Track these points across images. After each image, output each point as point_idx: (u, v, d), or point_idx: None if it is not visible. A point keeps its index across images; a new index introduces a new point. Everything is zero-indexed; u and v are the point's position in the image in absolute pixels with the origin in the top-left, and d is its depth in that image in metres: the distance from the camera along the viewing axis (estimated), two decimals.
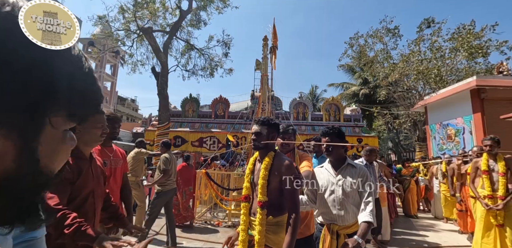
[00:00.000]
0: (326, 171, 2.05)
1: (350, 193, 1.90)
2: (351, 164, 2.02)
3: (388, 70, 13.86)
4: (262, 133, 1.77)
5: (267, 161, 1.73)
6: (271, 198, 1.70)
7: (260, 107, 7.42)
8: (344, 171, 1.99)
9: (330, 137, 2.02)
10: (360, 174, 1.94)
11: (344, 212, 1.91)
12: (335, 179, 1.97)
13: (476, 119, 9.51)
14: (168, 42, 10.19)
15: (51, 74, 0.31)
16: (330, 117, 13.36)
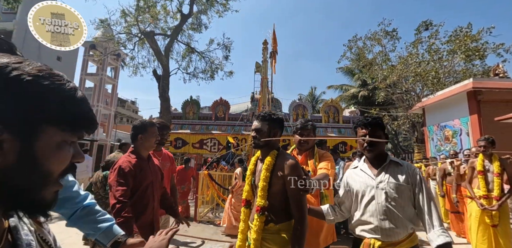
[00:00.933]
0: (363, 173, 1.60)
1: (397, 199, 1.45)
2: (395, 161, 1.57)
3: (386, 72, 14.03)
4: (262, 129, 1.58)
5: (269, 161, 1.53)
6: (273, 202, 1.49)
7: (261, 109, 7.57)
8: (386, 171, 1.54)
9: (373, 129, 1.55)
10: (410, 173, 1.50)
11: (389, 223, 1.44)
12: (374, 182, 1.53)
13: (473, 120, 9.67)
14: (170, 45, 10.36)
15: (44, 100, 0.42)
16: (329, 119, 13.52)
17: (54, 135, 0.44)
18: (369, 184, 1.55)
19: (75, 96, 0.47)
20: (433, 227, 1.38)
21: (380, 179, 1.53)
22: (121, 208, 1.69)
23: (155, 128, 2.09)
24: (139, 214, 1.87)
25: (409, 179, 1.48)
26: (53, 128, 0.44)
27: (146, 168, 1.98)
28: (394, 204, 1.46)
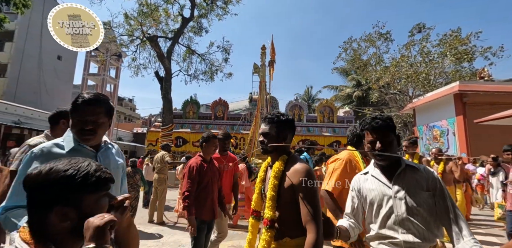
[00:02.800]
0: (376, 180, 1.40)
1: (420, 210, 1.28)
2: (411, 166, 1.37)
3: (379, 74, 14.57)
4: (270, 133, 1.43)
5: (277, 168, 1.39)
6: (285, 213, 1.34)
7: (259, 111, 8.07)
8: (403, 178, 1.34)
9: (384, 133, 1.35)
10: (429, 178, 1.31)
11: (414, 237, 1.28)
12: (391, 191, 1.32)
13: (459, 121, 10.26)
14: (171, 48, 10.78)
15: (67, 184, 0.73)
16: (324, 118, 14.04)
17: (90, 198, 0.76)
18: (386, 193, 1.34)
19: (84, 179, 0.75)
20: (462, 237, 1.20)
21: (398, 188, 1.31)
22: (186, 197, 2.53)
23: (215, 140, 2.91)
24: (203, 201, 2.67)
25: (430, 185, 1.29)
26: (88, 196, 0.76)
27: (207, 168, 2.74)
28: (417, 215, 1.27)
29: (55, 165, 0.76)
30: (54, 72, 18.94)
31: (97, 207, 0.76)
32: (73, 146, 1.23)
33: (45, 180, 0.73)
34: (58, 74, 19.17)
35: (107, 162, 1.33)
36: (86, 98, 1.22)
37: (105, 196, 0.80)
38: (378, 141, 1.33)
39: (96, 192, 0.77)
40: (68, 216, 0.73)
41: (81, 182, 0.74)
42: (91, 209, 0.75)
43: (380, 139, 1.33)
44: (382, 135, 1.34)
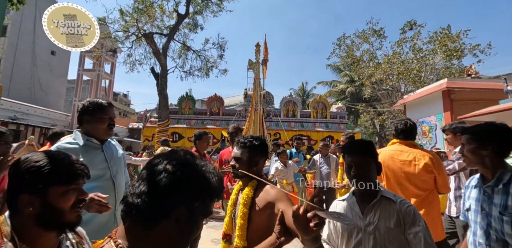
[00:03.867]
0: (350, 209, 1.33)
1: (388, 247, 1.20)
2: (386, 198, 1.27)
3: (371, 71, 14.88)
4: (242, 158, 1.39)
5: (246, 194, 1.33)
6: (256, 240, 1.21)
7: (253, 108, 8.31)
8: (376, 210, 1.26)
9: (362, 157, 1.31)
10: (402, 211, 1.21)
11: None
12: (362, 223, 1.25)
13: (446, 117, 10.65)
14: (167, 45, 10.89)
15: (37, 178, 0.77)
16: (318, 114, 14.34)
17: (56, 190, 0.77)
18: (356, 225, 1.27)
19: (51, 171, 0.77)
20: None
21: (369, 220, 1.24)
22: None
23: (207, 136, 3.29)
24: None
25: (401, 219, 1.19)
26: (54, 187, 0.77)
27: None
28: None
29: (31, 156, 0.79)
30: (48, 67, 18.83)
31: (63, 199, 0.78)
32: (84, 141, 1.51)
33: (17, 168, 0.78)
34: (52, 69, 19.06)
35: (111, 152, 1.62)
36: (107, 101, 1.57)
37: (74, 190, 0.80)
38: (354, 165, 1.28)
39: (63, 185, 0.79)
40: (32, 204, 0.75)
41: (48, 173, 0.76)
42: (56, 200, 0.77)
43: (357, 164, 1.28)
44: (360, 159, 1.29)
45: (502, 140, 1.24)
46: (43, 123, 14.46)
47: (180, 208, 0.59)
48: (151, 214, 0.58)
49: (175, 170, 0.60)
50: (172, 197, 0.59)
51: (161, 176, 0.59)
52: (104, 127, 1.54)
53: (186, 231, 0.61)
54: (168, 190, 0.58)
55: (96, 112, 1.52)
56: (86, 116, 1.56)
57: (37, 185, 0.75)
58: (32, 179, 0.75)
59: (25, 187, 0.76)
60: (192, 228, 0.63)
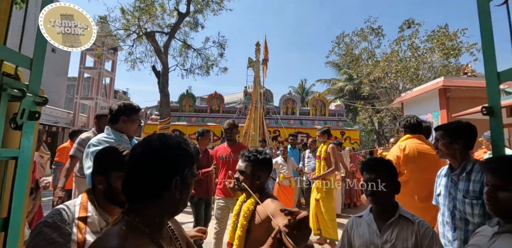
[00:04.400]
0: (367, 226, 1.35)
1: None
2: (405, 217, 1.29)
3: (370, 69, 15.05)
4: (245, 171, 1.43)
5: (247, 207, 1.38)
6: None
7: (253, 105, 8.50)
8: (394, 228, 1.27)
9: (379, 174, 1.33)
10: (420, 233, 1.23)
11: None
12: (379, 241, 1.27)
13: (442, 115, 10.85)
14: (168, 43, 11.04)
15: None
16: (317, 112, 14.52)
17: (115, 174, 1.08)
18: (374, 242, 1.29)
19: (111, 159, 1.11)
20: None
21: (386, 238, 1.26)
22: None
23: (209, 134, 3.62)
24: (200, 184, 3.32)
25: (419, 240, 1.21)
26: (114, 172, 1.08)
27: (202, 157, 3.45)
28: None
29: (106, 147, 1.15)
30: (49, 64, 18.92)
31: (118, 182, 1.01)
32: (118, 137, 1.89)
33: (95, 155, 1.12)
34: (53, 67, 19.16)
35: None
36: (138, 106, 2.03)
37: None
38: (372, 181, 1.29)
39: (118, 171, 1.03)
40: (101, 183, 1.05)
41: (109, 161, 1.07)
42: (114, 182, 1.04)
43: (375, 180, 1.29)
44: (376, 176, 1.31)
45: (469, 136, 1.46)
46: (45, 120, 14.62)
47: (175, 179, 0.71)
48: (155, 192, 0.70)
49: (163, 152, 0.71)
50: (167, 175, 0.70)
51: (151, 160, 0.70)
52: (135, 127, 1.97)
53: (183, 193, 0.75)
54: (161, 170, 0.70)
55: (132, 114, 1.93)
56: (123, 117, 1.90)
57: (105, 169, 1.06)
58: (101, 164, 1.08)
59: (97, 170, 1.08)
60: (188, 189, 0.76)
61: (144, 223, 0.69)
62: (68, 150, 3.75)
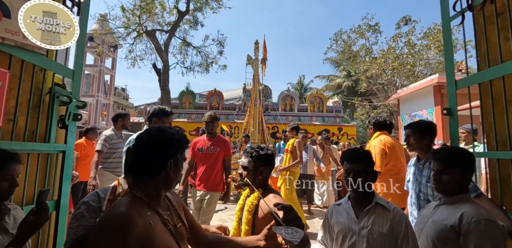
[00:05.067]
0: (345, 213, 1.42)
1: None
2: (381, 205, 1.36)
3: (367, 65, 15.29)
4: (248, 167, 1.48)
5: (251, 202, 1.41)
6: None
7: (253, 102, 8.76)
8: (370, 215, 1.34)
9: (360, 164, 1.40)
10: (395, 220, 1.30)
11: None
12: (357, 227, 1.34)
13: (437, 111, 11.14)
14: (168, 42, 11.23)
15: None
16: (315, 108, 14.78)
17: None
18: (352, 228, 1.35)
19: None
20: None
21: (363, 225, 1.33)
22: None
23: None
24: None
25: (394, 227, 1.28)
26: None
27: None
28: None
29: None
30: None
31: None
32: None
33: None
34: None
35: None
36: (170, 110, 2.29)
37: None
38: (353, 172, 1.36)
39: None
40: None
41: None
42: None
43: (355, 171, 1.36)
44: (358, 167, 1.36)
45: (434, 132, 1.77)
46: None
47: (170, 161, 0.91)
48: (154, 171, 0.91)
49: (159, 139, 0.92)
50: (164, 158, 0.91)
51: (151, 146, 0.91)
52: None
53: (176, 172, 0.95)
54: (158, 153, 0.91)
55: (163, 117, 2.20)
56: (154, 118, 2.19)
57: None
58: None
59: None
60: (179, 170, 0.97)
61: (145, 195, 0.89)
62: (82, 146, 4.05)
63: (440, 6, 1.89)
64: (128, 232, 0.75)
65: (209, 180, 3.06)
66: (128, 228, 0.76)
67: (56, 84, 1.36)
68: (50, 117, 1.32)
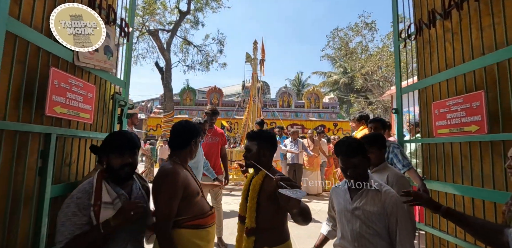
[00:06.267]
0: (343, 194, 1.55)
1: (373, 227, 1.40)
2: (374, 188, 1.44)
3: (362, 62, 15.81)
4: (252, 149, 1.55)
5: (256, 181, 1.50)
6: (264, 222, 1.43)
7: (252, 99, 9.32)
8: (363, 197, 1.45)
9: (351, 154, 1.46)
10: (387, 201, 1.39)
11: None
12: (351, 207, 1.47)
13: None
14: (170, 41, 11.72)
15: None
16: (311, 104, 15.33)
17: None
18: (347, 208, 1.48)
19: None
20: None
21: (356, 205, 1.44)
22: None
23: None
24: None
25: (385, 207, 1.38)
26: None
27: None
28: (369, 232, 1.39)
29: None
30: None
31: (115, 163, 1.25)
32: None
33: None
34: None
35: None
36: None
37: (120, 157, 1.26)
38: (346, 161, 1.45)
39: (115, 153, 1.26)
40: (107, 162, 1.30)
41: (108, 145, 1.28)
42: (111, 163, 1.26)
43: (348, 160, 1.44)
44: (354, 159, 1.43)
45: (385, 124, 2.37)
46: None
47: (193, 140, 1.52)
48: (184, 146, 1.50)
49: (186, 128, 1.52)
50: (189, 138, 1.50)
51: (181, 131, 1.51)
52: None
53: (195, 147, 1.56)
54: (186, 136, 1.50)
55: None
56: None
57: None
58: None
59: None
60: (197, 146, 1.57)
61: (179, 160, 1.47)
62: None
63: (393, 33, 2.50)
64: (177, 177, 1.35)
65: (213, 166, 3.36)
66: (176, 174, 1.35)
67: (116, 92, 1.93)
68: (113, 115, 1.89)
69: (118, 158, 1.22)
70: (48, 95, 1.29)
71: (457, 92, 1.80)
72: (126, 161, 1.23)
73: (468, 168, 1.71)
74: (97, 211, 1.14)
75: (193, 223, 1.40)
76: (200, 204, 1.47)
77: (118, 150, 1.22)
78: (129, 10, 2.14)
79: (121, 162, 1.21)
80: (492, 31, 1.53)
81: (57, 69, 1.35)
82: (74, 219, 1.12)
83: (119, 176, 1.24)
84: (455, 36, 1.84)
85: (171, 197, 1.31)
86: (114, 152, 1.23)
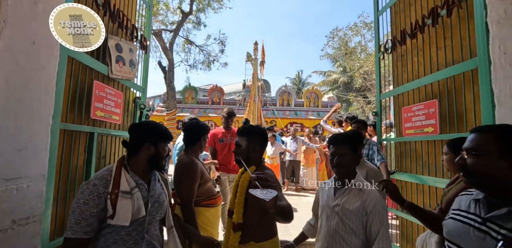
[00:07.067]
0: (328, 191, 1.55)
1: (349, 225, 1.40)
2: (356, 187, 1.44)
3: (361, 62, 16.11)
4: (241, 145, 1.54)
5: (245, 178, 1.51)
6: (251, 218, 1.45)
7: (252, 99, 9.69)
8: (345, 195, 1.45)
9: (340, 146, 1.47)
10: (367, 201, 1.39)
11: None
12: (332, 203, 1.47)
13: None
14: (173, 41, 12.05)
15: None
16: (311, 103, 15.67)
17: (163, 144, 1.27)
18: (329, 204, 1.48)
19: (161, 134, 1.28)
20: None
21: (337, 202, 1.44)
22: None
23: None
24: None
25: (364, 207, 1.38)
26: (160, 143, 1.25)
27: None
28: (345, 229, 1.40)
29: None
30: None
31: (163, 151, 1.27)
32: None
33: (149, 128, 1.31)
34: None
35: None
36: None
37: (166, 146, 1.31)
38: (337, 155, 1.44)
39: (164, 142, 1.28)
40: (149, 150, 1.22)
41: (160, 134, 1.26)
42: (160, 151, 1.25)
43: (336, 152, 1.44)
44: (339, 148, 1.44)
45: (366, 125, 2.75)
46: None
47: (202, 138, 1.92)
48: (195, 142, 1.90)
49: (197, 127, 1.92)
50: (198, 135, 1.90)
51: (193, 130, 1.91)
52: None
53: (204, 143, 1.96)
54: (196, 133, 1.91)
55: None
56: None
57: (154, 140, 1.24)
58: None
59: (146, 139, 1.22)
60: (206, 142, 1.97)
61: (193, 155, 1.84)
62: None
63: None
64: (196, 167, 1.74)
65: (233, 165, 3.49)
66: (194, 164, 1.74)
67: (137, 97, 2.31)
68: (133, 117, 2.27)
69: (166, 146, 1.28)
70: (93, 102, 1.67)
71: (420, 99, 2.18)
72: (167, 150, 1.31)
73: (428, 162, 2.09)
74: (113, 199, 1.10)
75: (207, 203, 1.80)
76: (211, 188, 1.87)
77: (169, 138, 1.28)
78: (145, 27, 2.51)
79: (167, 150, 1.30)
80: (443, 52, 1.90)
81: (98, 81, 1.73)
82: (84, 207, 1.08)
83: (163, 164, 1.29)
84: (420, 53, 2.21)
85: (193, 183, 1.69)
86: (165, 140, 1.27)
